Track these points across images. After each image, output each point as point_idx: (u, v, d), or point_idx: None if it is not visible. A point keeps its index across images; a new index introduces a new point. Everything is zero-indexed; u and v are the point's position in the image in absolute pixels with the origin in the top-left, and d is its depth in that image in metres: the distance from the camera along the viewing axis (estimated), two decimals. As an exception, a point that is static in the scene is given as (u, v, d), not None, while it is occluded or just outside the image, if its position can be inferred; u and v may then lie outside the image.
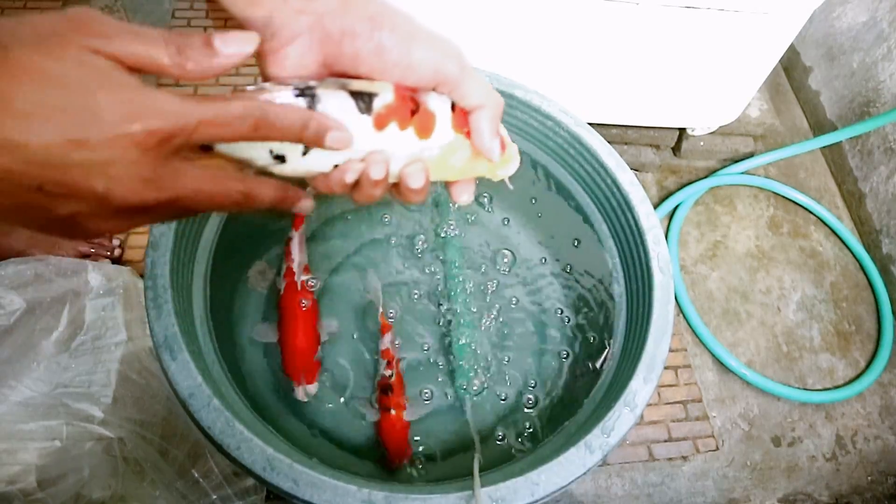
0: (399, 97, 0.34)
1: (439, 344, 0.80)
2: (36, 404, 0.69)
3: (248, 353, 0.74)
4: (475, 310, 0.83)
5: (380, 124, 0.33)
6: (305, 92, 0.32)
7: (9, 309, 0.71)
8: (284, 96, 0.31)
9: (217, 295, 0.68)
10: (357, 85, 0.33)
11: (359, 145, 0.34)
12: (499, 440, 0.74)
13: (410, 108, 0.35)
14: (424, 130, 0.35)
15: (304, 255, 0.75)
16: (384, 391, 0.71)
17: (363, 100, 0.33)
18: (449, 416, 0.75)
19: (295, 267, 0.73)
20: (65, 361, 0.73)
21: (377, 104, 0.33)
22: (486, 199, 0.91)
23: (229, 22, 1.03)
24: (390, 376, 0.72)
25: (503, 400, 0.77)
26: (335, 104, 0.32)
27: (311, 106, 0.32)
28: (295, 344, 0.69)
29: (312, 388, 0.68)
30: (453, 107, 0.36)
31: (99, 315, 0.77)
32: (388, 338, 0.74)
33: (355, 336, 0.78)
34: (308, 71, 0.33)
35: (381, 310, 0.77)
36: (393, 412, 0.70)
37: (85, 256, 0.87)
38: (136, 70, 0.27)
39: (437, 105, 0.36)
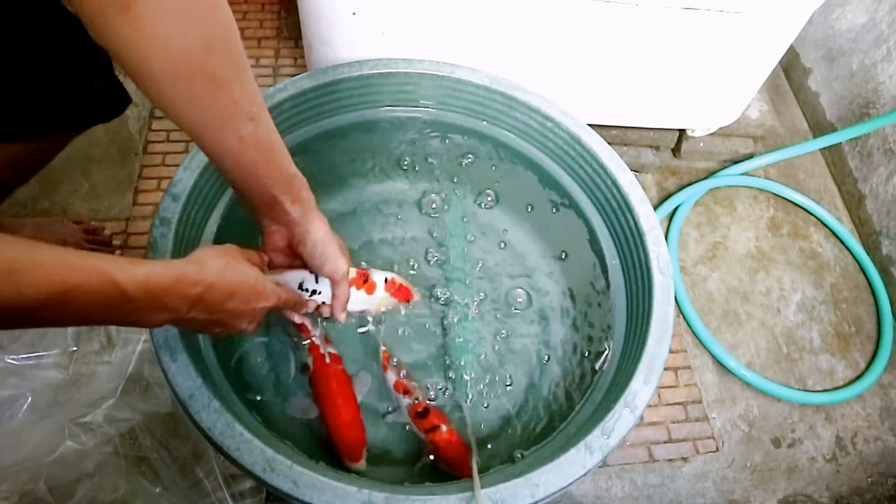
0: (358, 274, 0.69)
1: (439, 347, 0.80)
2: (42, 407, 0.69)
3: (248, 355, 0.74)
4: (475, 312, 0.83)
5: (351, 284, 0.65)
6: (312, 290, 0.64)
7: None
8: (299, 278, 0.64)
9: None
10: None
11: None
12: (499, 441, 0.74)
13: (363, 279, 0.69)
14: (370, 290, 0.69)
15: (321, 326, 0.73)
16: (421, 416, 0.70)
17: None
18: (450, 418, 0.75)
19: (317, 340, 0.72)
20: (73, 367, 0.73)
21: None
22: (491, 200, 0.91)
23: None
24: (416, 400, 0.71)
25: (503, 401, 0.77)
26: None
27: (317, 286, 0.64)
28: (341, 422, 0.68)
29: (362, 464, 0.66)
30: (388, 279, 0.71)
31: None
32: (391, 373, 0.73)
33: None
34: (283, 243, 0.60)
35: (383, 347, 0.76)
36: (444, 428, 0.69)
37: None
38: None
39: (378, 279, 0.70)
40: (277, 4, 1.26)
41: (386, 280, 0.70)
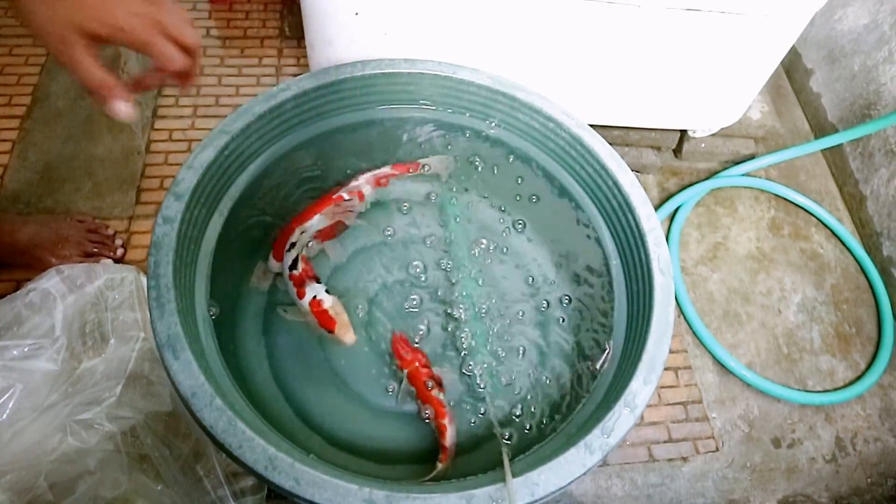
0: (302, 271, 0.73)
1: (445, 346, 0.80)
2: (37, 401, 0.69)
3: (250, 353, 0.74)
4: (475, 309, 0.83)
5: (289, 277, 0.73)
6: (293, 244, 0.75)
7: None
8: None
9: (220, 294, 0.69)
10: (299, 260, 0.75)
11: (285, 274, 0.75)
12: (499, 440, 0.74)
13: (301, 281, 0.72)
14: (300, 294, 0.72)
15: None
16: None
17: (294, 264, 0.74)
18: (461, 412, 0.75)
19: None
20: (63, 357, 0.73)
21: (292, 272, 0.73)
22: (492, 200, 0.91)
23: (231, 23, 1.05)
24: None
25: (502, 400, 0.78)
26: (290, 256, 0.74)
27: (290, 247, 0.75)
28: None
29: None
30: (315, 297, 0.71)
31: (109, 315, 0.77)
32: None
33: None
34: None
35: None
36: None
37: (89, 256, 0.88)
38: None
39: (309, 292, 0.71)
40: (280, 4, 1.26)
41: (314, 298, 0.70)
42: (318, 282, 0.73)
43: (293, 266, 0.73)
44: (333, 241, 0.82)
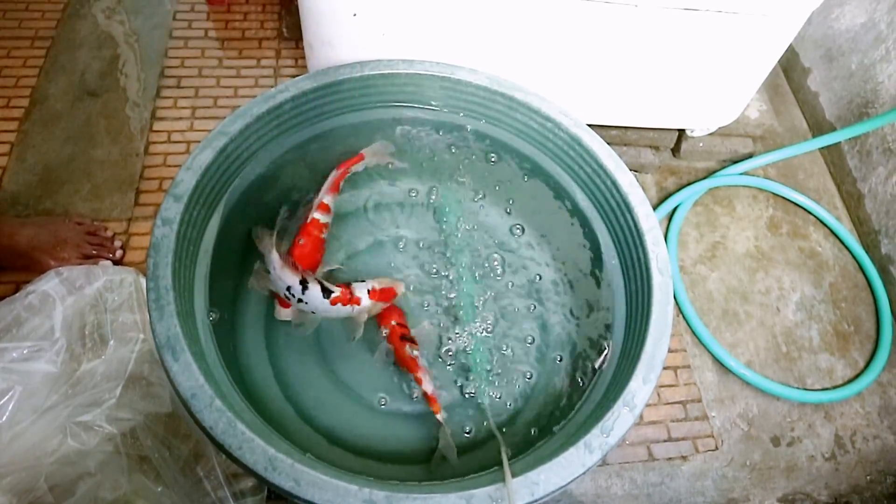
0: (342, 293, 0.70)
1: (444, 344, 0.80)
2: (36, 403, 0.69)
3: (250, 354, 0.74)
4: (474, 310, 0.83)
5: (332, 303, 0.70)
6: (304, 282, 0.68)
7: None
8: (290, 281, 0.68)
9: (219, 295, 0.69)
10: (325, 284, 0.70)
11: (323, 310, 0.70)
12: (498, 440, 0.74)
13: (348, 297, 0.70)
14: (356, 303, 0.71)
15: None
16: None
17: (325, 292, 0.69)
18: (460, 414, 0.75)
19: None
20: (62, 359, 0.73)
21: (332, 296, 0.69)
22: (491, 200, 0.91)
23: (230, 24, 1.06)
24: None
25: (502, 400, 0.78)
26: (315, 291, 0.68)
27: (304, 287, 0.68)
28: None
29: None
30: (370, 290, 0.72)
31: (109, 317, 0.77)
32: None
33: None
34: None
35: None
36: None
37: (88, 257, 0.88)
38: None
39: (361, 293, 0.72)
40: (278, 5, 1.26)
41: (369, 291, 0.73)
42: (349, 284, 0.73)
43: (328, 293, 0.69)
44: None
